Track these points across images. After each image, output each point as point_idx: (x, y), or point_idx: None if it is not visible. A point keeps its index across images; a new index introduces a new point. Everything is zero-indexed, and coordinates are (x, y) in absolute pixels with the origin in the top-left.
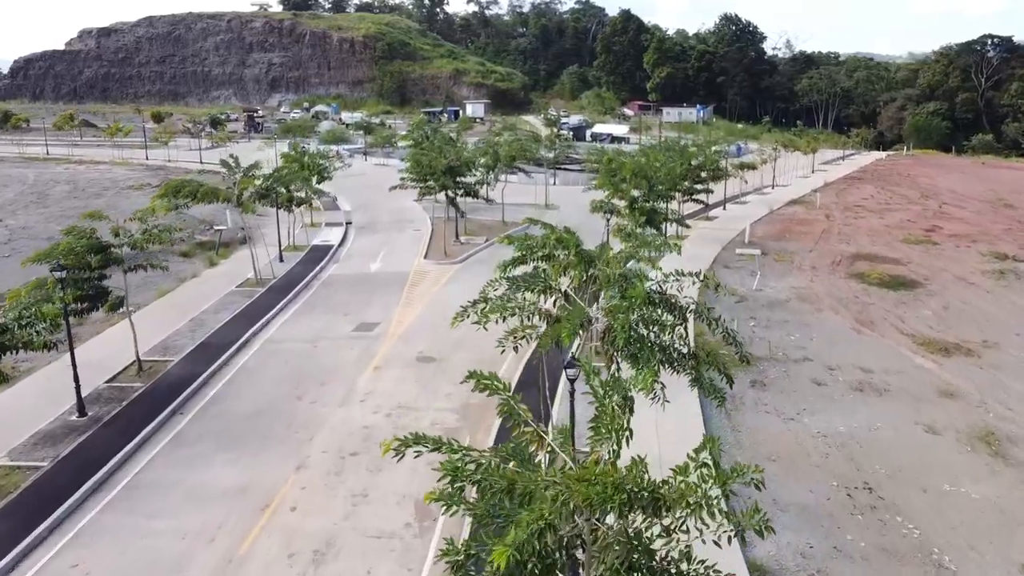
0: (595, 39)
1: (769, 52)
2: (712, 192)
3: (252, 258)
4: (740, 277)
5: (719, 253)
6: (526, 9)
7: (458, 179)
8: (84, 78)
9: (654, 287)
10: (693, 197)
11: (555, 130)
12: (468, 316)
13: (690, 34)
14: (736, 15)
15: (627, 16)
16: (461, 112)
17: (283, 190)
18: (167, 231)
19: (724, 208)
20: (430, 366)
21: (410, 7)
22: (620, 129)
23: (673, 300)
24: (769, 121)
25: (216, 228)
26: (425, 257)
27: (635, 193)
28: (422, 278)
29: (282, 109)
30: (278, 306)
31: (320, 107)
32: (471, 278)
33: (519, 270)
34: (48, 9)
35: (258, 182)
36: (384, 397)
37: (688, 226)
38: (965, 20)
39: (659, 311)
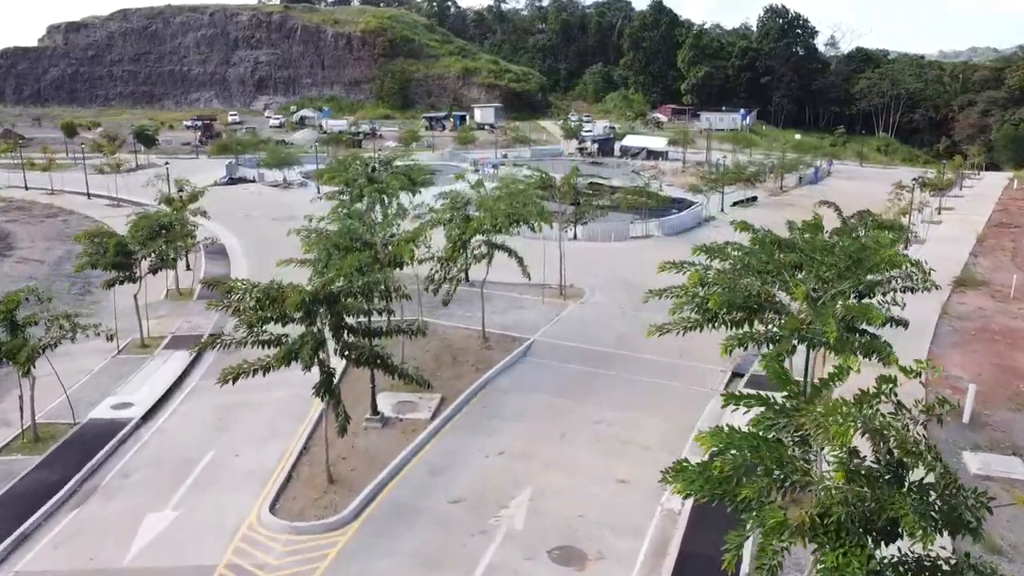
0: (621, 35)
1: (819, 49)
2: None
3: None
4: None
5: None
6: (545, 3)
7: (346, 324)
8: (49, 78)
9: None
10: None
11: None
12: None
13: (726, 29)
14: (784, 6)
15: (659, 8)
16: (468, 117)
17: None
18: None
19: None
20: None
21: (419, 1)
22: (657, 142)
23: None
24: (843, 131)
25: None
26: (272, 508)
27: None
28: None
29: (266, 113)
30: None
31: (305, 111)
32: None
33: None
34: (19, 3)
35: None
36: None
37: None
38: (1002, 17)
39: None
